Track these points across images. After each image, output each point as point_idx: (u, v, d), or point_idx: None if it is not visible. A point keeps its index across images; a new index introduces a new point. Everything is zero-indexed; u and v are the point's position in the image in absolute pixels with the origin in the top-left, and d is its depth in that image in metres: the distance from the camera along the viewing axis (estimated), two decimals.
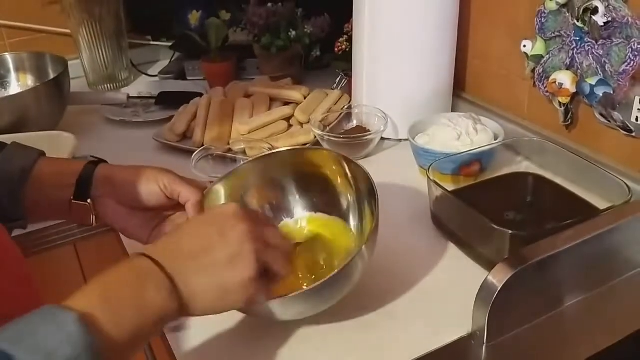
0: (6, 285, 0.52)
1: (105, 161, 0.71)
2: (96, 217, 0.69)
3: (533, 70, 0.95)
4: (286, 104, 1.17)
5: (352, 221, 0.75)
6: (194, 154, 0.96)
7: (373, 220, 0.66)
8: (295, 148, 0.80)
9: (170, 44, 1.47)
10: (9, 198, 0.66)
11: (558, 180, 0.86)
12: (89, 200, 0.68)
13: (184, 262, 0.52)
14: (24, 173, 0.67)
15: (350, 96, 1.16)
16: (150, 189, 0.68)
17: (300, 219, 0.78)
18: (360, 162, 0.71)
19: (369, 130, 1.06)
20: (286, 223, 0.78)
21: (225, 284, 0.52)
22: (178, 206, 0.69)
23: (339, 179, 0.75)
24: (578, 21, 0.84)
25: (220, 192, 0.74)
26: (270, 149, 0.95)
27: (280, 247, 0.58)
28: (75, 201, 0.67)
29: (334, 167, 0.74)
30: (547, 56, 0.92)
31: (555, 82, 0.89)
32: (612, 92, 0.83)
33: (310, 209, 0.78)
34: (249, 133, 1.07)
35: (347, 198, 0.75)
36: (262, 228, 0.57)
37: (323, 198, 0.77)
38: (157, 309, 0.49)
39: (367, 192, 0.71)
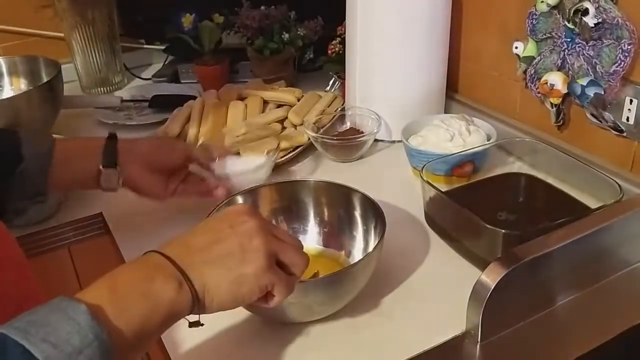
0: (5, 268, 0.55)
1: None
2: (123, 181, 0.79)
3: (525, 72, 0.96)
4: (279, 106, 1.17)
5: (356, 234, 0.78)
6: None
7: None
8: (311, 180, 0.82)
9: (163, 47, 1.48)
10: (39, 174, 0.73)
11: (550, 180, 0.87)
12: (117, 167, 0.77)
13: (195, 255, 0.52)
14: (50, 150, 0.75)
15: (344, 98, 1.17)
16: (175, 148, 0.84)
17: None
18: (354, 164, 0.71)
19: (362, 132, 1.07)
20: None
21: (238, 275, 0.52)
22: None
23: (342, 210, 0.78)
24: (569, 22, 0.84)
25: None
26: (269, 151, 0.95)
27: (290, 243, 0.57)
28: (105, 168, 0.77)
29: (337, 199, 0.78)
30: (539, 57, 0.93)
31: (546, 83, 0.90)
32: (603, 93, 0.84)
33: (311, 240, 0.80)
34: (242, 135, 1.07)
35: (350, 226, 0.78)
36: (271, 226, 0.58)
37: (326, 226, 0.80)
38: (167, 300, 0.48)
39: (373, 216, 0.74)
